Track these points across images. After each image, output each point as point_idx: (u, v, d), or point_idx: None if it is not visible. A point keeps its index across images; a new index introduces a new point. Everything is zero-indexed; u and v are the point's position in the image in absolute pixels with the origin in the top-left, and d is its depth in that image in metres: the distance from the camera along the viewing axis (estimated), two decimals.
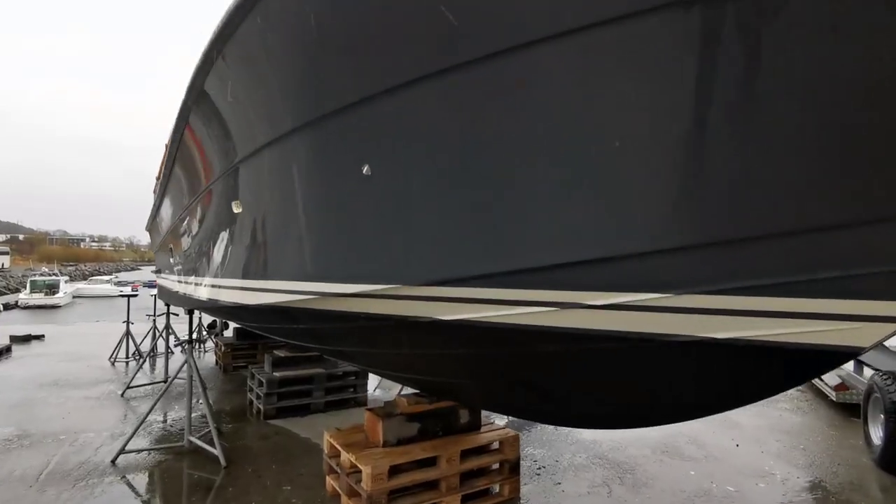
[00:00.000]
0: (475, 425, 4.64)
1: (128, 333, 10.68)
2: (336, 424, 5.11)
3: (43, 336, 13.84)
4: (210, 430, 5.49)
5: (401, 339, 3.10)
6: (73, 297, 46.89)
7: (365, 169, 2.63)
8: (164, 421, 6.76)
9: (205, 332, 12.29)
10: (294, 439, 6.08)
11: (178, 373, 5.87)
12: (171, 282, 8.07)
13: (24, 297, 48.41)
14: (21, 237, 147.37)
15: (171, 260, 7.66)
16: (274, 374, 6.94)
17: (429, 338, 2.90)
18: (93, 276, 73.23)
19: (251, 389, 7.32)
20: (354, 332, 3.41)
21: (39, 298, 46.71)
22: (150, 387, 8.43)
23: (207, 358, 11.16)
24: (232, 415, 7.05)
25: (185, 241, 6.39)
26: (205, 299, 5.49)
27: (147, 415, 5.72)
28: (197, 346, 12.15)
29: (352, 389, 7.39)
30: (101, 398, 7.81)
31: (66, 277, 62.92)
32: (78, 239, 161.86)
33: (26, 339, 13.38)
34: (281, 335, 5.02)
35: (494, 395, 3.25)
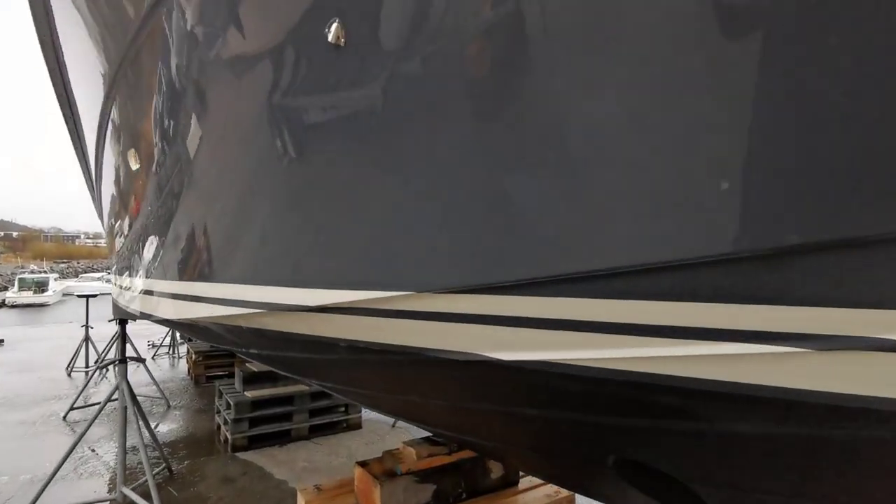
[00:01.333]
0: (511, 481, 3.26)
1: (87, 339, 9.27)
2: (322, 457, 3.78)
3: (2, 341, 12.43)
4: (157, 473, 4.13)
5: (415, 382, 1.72)
6: (63, 294, 45.41)
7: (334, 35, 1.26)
8: (104, 454, 5.35)
9: (178, 336, 10.90)
10: (266, 482, 4.67)
11: (108, 398, 4.46)
12: (111, 285, 6.66)
13: (11, 295, 46.98)
14: (15, 234, 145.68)
15: (111, 257, 6.23)
16: (245, 393, 5.54)
17: (465, 386, 1.52)
18: (85, 272, 71.80)
19: (219, 412, 5.91)
20: (335, 365, 2.03)
21: (27, 297, 45.28)
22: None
23: (182, 366, 9.76)
24: (194, 444, 5.65)
25: (115, 226, 4.95)
26: (135, 310, 4.11)
27: (67, 455, 4.31)
28: (172, 353, 10.75)
29: (342, 409, 5.99)
30: (38, 423, 6.40)
31: (56, 275, 61.47)
32: (73, 236, 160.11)
33: None
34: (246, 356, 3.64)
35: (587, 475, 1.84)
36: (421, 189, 1.28)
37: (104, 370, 8.78)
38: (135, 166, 3.38)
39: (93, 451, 5.45)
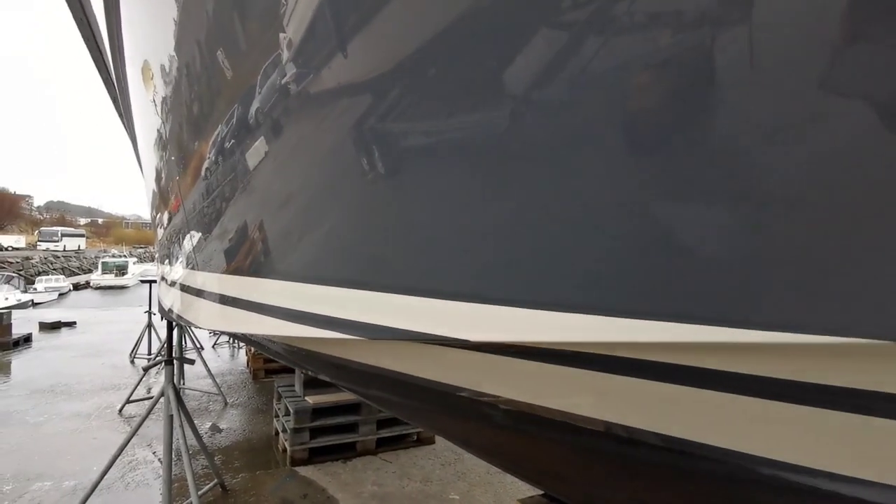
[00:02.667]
0: None
1: (149, 325, 9.01)
2: (393, 479, 3.12)
3: (74, 323, 12.58)
4: (209, 489, 3.52)
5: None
6: (141, 279, 47.86)
7: None
8: (156, 458, 4.84)
9: None
10: None
11: (155, 401, 3.87)
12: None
13: (95, 277, 49.85)
14: (100, 221, 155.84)
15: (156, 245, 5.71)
16: (306, 399, 4.88)
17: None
18: None
19: (277, 416, 5.31)
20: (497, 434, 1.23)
21: (109, 279, 47.87)
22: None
23: (242, 357, 9.38)
24: (250, 453, 5.06)
25: (161, 208, 4.33)
26: (171, 308, 3.49)
27: (109, 466, 3.76)
28: (232, 341, 10.41)
29: None
30: (93, 416, 6.03)
31: (135, 259, 64.87)
32: (150, 223, 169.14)
33: (55, 326, 12.13)
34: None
35: None
36: None
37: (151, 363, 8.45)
38: (180, 158, 2.75)
39: (147, 452, 4.95)
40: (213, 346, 10.24)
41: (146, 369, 3.76)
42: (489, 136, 0.78)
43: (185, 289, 2.98)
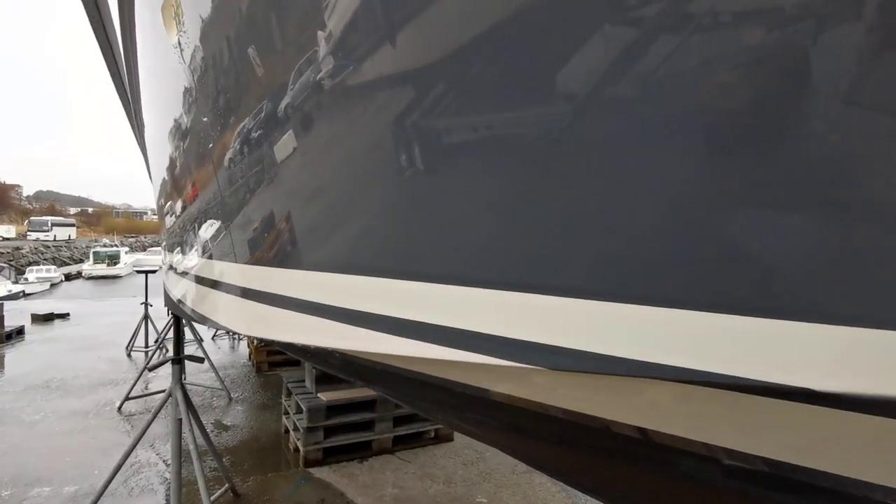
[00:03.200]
0: None
1: (146, 317, 8.69)
2: (414, 480, 2.96)
3: (68, 314, 12.22)
4: (220, 494, 3.26)
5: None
6: (134, 268, 47.22)
7: None
8: (160, 460, 4.56)
9: None
10: None
11: (161, 405, 3.59)
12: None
13: (87, 267, 49.15)
14: (90, 210, 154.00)
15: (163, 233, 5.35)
16: (318, 396, 4.61)
17: None
18: (152, 246, 74.69)
19: (287, 413, 5.04)
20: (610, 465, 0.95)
21: (101, 269, 47.21)
22: (161, 395, 6.29)
23: (243, 348, 9.09)
24: (260, 453, 4.79)
25: (171, 189, 3.99)
26: (182, 300, 3.19)
27: (114, 474, 3.49)
28: (233, 337, 10.11)
29: None
30: (92, 414, 5.74)
31: (127, 248, 64.11)
32: (141, 212, 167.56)
33: (48, 317, 11.78)
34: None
35: None
36: None
37: (163, 350, 8.17)
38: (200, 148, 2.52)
39: (150, 453, 4.67)
40: (212, 338, 9.94)
41: (151, 368, 3.47)
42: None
43: (201, 280, 2.68)
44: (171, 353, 3.61)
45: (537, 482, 4.21)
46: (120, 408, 5.86)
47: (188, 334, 7.86)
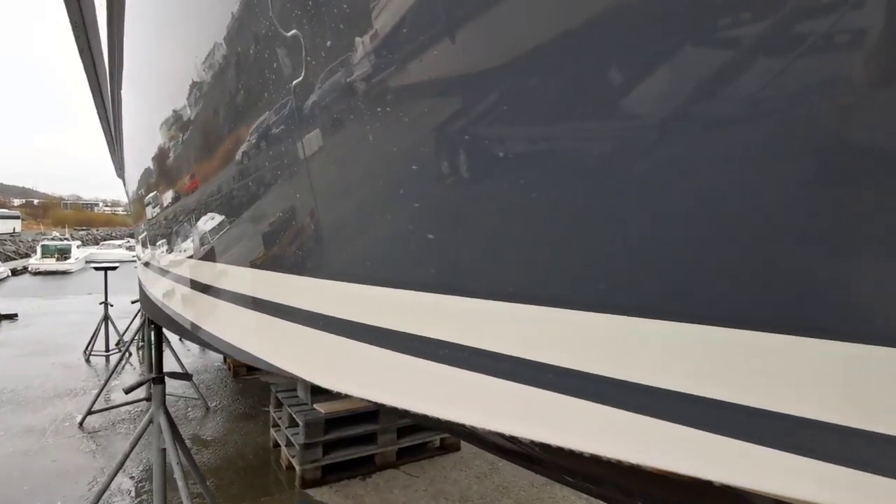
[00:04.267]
0: None
1: (106, 318, 7.99)
2: (426, 499, 2.53)
3: (16, 315, 11.25)
4: None
5: None
6: (86, 262, 44.90)
7: None
8: (133, 486, 4.01)
9: None
10: None
11: (139, 434, 3.05)
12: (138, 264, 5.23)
13: (34, 262, 46.37)
14: (36, 202, 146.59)
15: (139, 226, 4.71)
16: (315, 407, 4.14)
17: None
18: (105, 240, 71.23)
19: (277, 427, 4.54)
20: None
21: (51, 264, 44.66)
22: (128, 408, 5.68)
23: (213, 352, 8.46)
24: (248, 473, 4.28)
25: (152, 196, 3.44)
26: (177, 313, 2.69)
27: None
28: None
29: None
30: (49, 431, 5.09)
31: (79, 242, 61.01)
32: (91, 204, 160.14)
33: None
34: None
35: None
36: None
37: (127, 355, 7.49)
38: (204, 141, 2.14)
39: (122, 477, 4.11)
40: (180, 339, 9.26)
41: (128, 391, 2.92)
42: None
43: (204, 288, 2.18)
44: (139, 370, 3.06)
45: (560, 495, 3.86)
46: (81, 423, 5.23)
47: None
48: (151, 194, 3.20)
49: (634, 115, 0.64)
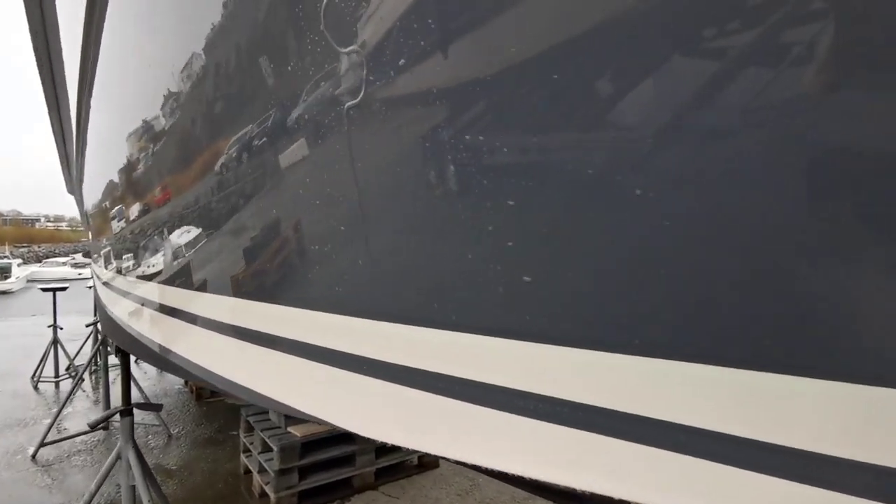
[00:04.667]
0: None
1: (55, 342, 7.54)
2: None
3: None
4: None
5: None
6: (28, 281, 42.50)
7: None
8: None
9: None
10: None
11: (107, 473, 2.86)
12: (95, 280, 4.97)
13: None
14: None
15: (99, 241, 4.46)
16: (291, 431, 4.00)
17: None
18: (48, 257, 67.61)
19: (248, 452, 4.36)
20: None
21: None
22: (83, 438, 5.36)
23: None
24: (214, 503, 4.09)
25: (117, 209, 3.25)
26: (147, 336, 2.53)
27: None
28: None
29: None
30: (0, 465, 4.75)
31: (19, 260, 57.70)
32: (32, 219, 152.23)
33: None
34: None
35: None
36: None
37: (79, 381, 7.11)
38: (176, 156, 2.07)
39: None
40: (135, 361, 8.84)
41: (94, 426, 2.73)
42: None
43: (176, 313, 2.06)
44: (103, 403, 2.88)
45: None
46: (34, 456, 4.89)
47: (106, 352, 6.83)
48: (117, 208, 3.04)
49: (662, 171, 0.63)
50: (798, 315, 0.54)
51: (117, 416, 2.84)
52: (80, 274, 34.12)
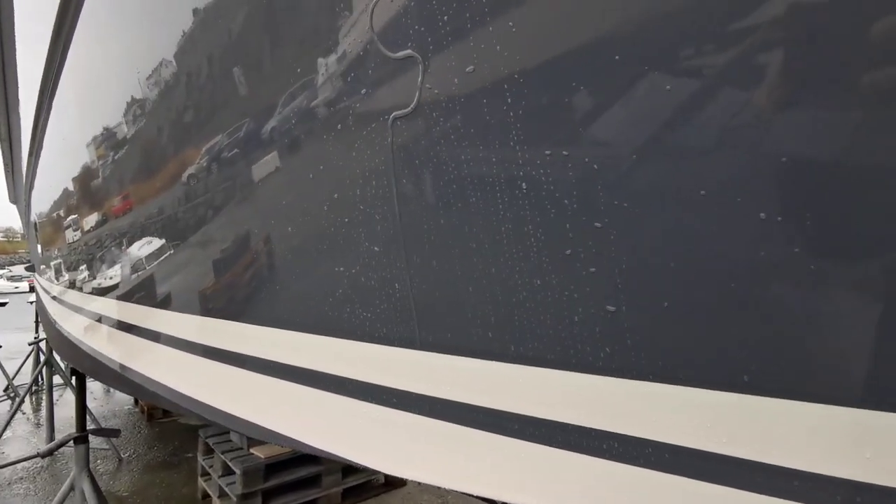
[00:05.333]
0: None
1: None
2: None
3: None
4: None
5: None
6: None
7: None
8: None
9: None
10: None
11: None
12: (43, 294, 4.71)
13: None
14: None
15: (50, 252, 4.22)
16: (253, 452, 3.85)
17: None
18: None
19: (207, 476, 4.18)
20: None
21: None
22: (24, 465, 5.01)
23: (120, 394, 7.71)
24: None
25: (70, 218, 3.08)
26: (104, 352, 2.41)
27: None
28: None
29: None
30: None
31: None
32: None
33: None
34: None
35: None
36: None
37: (17, 402, 6.67)
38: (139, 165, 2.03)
39: None
40: (71, 377, 8.37)
41: (45, 454, 2.55)
42: None
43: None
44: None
45: None
46: None
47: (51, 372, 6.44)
48: (78, 216, 2.88)
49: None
50: (772, 337, 0.55)
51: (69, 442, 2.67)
52: (16, 287, 32.24)
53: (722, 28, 0.55)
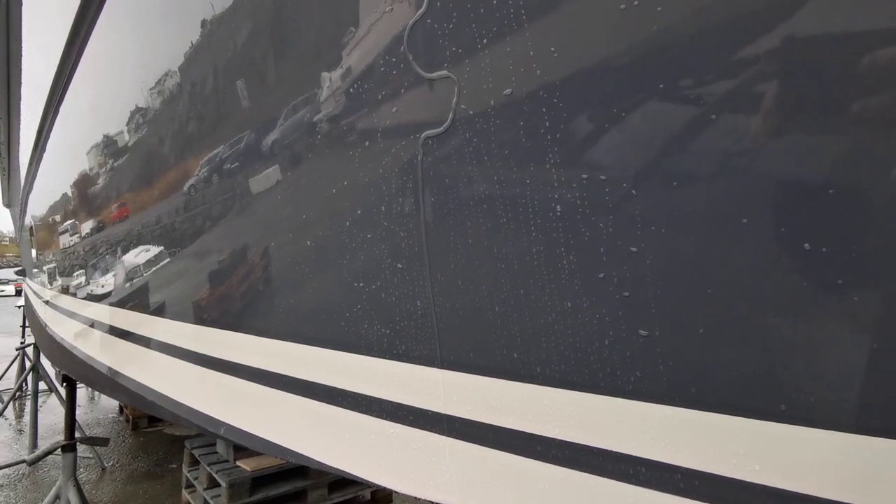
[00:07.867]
0: None
1: None
2: None
3: None
4: None
5: None
6: None
7: None
8: None
9: None
10: None
11: None
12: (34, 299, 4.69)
13: None
14: None
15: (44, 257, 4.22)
16: (239, 465, 3.83)
17: None
18: None
19: (191, 488, 4.14)
20: None
21: None
22: (5, 472, 4.94)
23: (106, 401, 7.61)
24: None
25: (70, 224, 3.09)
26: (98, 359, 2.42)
27: None
28: None
29: None
30: None
31: None
32: None
33: None
34: None
35: None
36: None
37: (4, 408, 6.59)
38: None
39: None
40: (63, 384, 8.26)
41: (31, 462, 2.53)
42: None
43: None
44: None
45: None
46: None
47: (39, 379, 6.35)
48: (65, 225, 2.90)
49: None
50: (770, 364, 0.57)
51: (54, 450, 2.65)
52: (1, 291, 31.83)
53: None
